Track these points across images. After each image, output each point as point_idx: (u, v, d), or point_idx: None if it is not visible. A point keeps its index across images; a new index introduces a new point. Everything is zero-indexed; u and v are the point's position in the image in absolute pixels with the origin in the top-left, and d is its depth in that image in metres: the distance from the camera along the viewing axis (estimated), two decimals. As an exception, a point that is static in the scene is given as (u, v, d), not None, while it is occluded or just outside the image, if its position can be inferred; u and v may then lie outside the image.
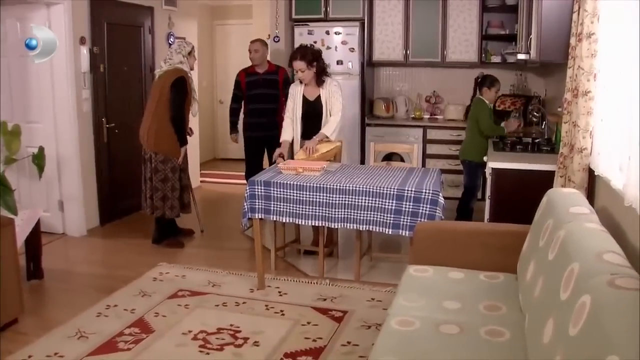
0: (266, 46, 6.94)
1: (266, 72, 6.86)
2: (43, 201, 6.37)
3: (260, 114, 6.88)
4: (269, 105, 6.85)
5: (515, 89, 7.62)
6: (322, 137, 5.42)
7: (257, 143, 6.94)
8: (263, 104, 6.85)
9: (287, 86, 6.65)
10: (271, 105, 6.85)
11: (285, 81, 6.80)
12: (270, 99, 6.85)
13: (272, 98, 6.85)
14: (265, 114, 6.86)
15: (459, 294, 3.22)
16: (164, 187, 5.83)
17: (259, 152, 7.02)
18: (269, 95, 6.85)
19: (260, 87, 6.84)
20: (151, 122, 5.79)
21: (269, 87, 6.84)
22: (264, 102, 6.85)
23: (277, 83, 6.83)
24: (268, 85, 6.84)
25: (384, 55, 7.71)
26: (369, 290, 4.86)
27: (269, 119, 6.84)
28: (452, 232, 3.88)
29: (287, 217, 4.74)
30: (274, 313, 4.44)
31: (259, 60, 6.83)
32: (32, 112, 6.33)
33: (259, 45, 6.83)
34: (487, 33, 7.47)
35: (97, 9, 6.45)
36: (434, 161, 7.36)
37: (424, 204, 4.41)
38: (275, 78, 6.85)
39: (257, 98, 6.86)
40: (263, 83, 6.85)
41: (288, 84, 6.69)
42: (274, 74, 6.86)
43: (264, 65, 6.87)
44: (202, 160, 9.88)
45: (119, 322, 4.28)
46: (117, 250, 6.08)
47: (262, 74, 6.85)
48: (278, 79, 6.84)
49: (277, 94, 6.83)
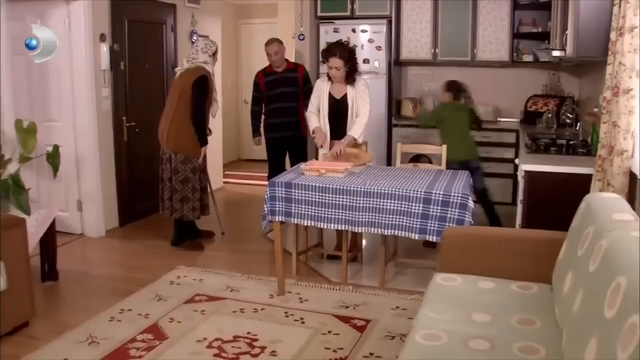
0: (282, 44, 6.69)
1: (285, 70, 6.67)
2: (62, 201, 6.28)
3: (281, 114, 6.70)
4: (290, 104, 6.66)
5: (547, 89, 7.37)
6: (350, 139, 5.23)
7: (279, 144, 6.77)
8: (284, 103, 6.66)
9: (306, 83, 6.52)
10: (292, 104, 6.66)
11: (304, 78, 6.64)
12: (290, 97, 6.66)
13: (293, 96, 6.66)
14: (286, 113, 6.68)
15: (489, 306, 3.00)
16: (184, 188, 5.68)
17: (281, 153, 6.85)
18: (290, 94, 6.66)
19: (280, 86, 6.65)
20: (171, 121, 5.64)
21: (289, 85, 6.65)
22: (285, 101, 6.66)
23: (296, 81, 6.65)
24: (288, 83, 6.66)
25: (411, 54, 7.50)
26: (394, 297, 4.64)
27: (290, 119, 6.66)
28: (482, 238, 3.64)
29: (308, 221, 4.55)
30: (293, 321, 4.25)
31: (280, 62, 6.64)
32: (52, 110, 6.24)
33: (277, 46, 6.57)
34: (519, 31, 7.22)
35: (118, 6, 6.33)
36: (463, 163, 7.13)
37: (452, 208, 4.19)
38: (295, 76, 6.66)
39: (277, 98, 6.67)
40: (282, 82, 6.65)
41: (307, 81, 6.55)
42: (293, 72, 6.68)
43: (282, 64, 6.68)
44: (226, 161, 9.76)
45: (132, 328, 4.12)
46: (135, 252, 5.94)
47: (281, 72, 6.66)
48: (297, 77, 6.66)
49: (297, 92, 6.65)
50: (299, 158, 6.44)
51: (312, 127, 5.43)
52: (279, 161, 6.82)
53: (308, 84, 6.56)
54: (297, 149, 6.71)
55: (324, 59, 5.37)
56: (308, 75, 6.74)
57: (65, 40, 5.99)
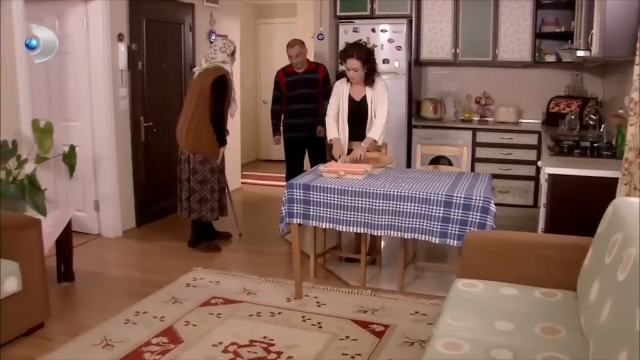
0: (304, 45, 6.60)
1: (306, 70, 6.59)
2: (79, 201, 6.27)
3: (300, 115, 6.64)
4: (310, 106, 6.60)
5: (570, 90, 7.24)
6: (370, 142, 5.15)
7: (297, 144, 6.72)
8: (304, 105, 6.60)
9: (326, 84, 6.44)
10: (312, 105, 6.60)
11: (324, 79, 6.57)
12: (310, 98, 6.59)
13: (313, 98, 6.59)
14: (305, 114, 6.63)
15: (512, 313, 2.91)
16: (203, 188, 5.63)
17: (299, 154, 6.79)
18: (310, 95, 6.59)
19: (301, 87, 6.58)
20: (190, 121, 5.60)
21: (309, 86, 6.58)
22: (305, 102, 6.60)
23: (317, 82, 6.57)
24: (308, 84, 6.58)
25: (432, 54, 7.39)
26: (413, 302, 4.55)
27: (309, 119, 6.61)
28: (504, 242, 3.54)
29: (327, 223, 4.47)
30: (310, 325, 4.17)
31: (302, 64, 6.55)
32: (69, 110, 6.22)
33: (299, 49, 6.46)
34: (541, 31, 7.09)
35: (136, 5, 6.30)
36: (484, 165, 7.02)
37: (473, 212, 4.10)
38: (316, 77, 6.58)
39: (297, 99, 6.60)
40: (303, 82, 6.58)
41: (327, 81, 6.47)
42: (314, 72, 6.59)
43: (304, 66, 6.59)
44: (244, 161, 9.72)
45: (147, 331, 4.07)
46: (151, 253, 5.89)
47: (302, 73, 6.58)
48: (318, 77, 6.58)
49: (316, 94, 6.57)
50: (319, 158, 6.38)
51: (330, 136, 5.34)
52: (296, 161, 6.77)
53: (328, 85, 6.47)
54: (316, 149, 6.64)
55: (341, 61, 5.30)
56: (328, 75, 6.67)
57: (83, 40, 5.99)
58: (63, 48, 6.06)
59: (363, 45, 5.29)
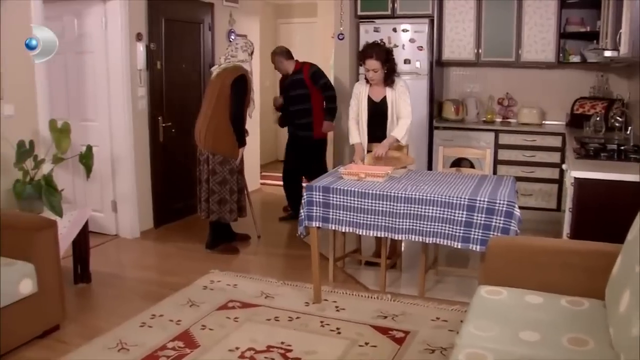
0: (279, 54, 6.78)
1: (293, 72, 6.72)
2: (97, 201, 6.24)
3: (293, 116, 6.80)
4: (300, 107, 6.70)
5: (595, 91, 7.09)
6: (392, 140, 5.06)
7: (295, 144, 6.88)
8: (295, 106, 6.75)
9: (318, 80, 6.49)
10: (302, 105, 6.68)
11: (312, 76, 6.60)
12: (300, 99, 6.68)
13: (302, 98, 6.67)
14: (297, 115, 6.76)
15: (537, 323, 2.80)
16: (222, 189, 5.57)
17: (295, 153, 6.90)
18: (299, 96, 6.68)
19: (291, 89, 6.73)
20: (209, 122, 5.54)
21: (297, 87, 6.68)
22: (296, 103, 6.72)
23: (303, 82, 6.63)
24: (296, 86, 6.69)
25: (454, 54, 7.28)
26: (434, 308, 4.45)
27: (304, 120, 6.71)
28: (529, 248, 3.44)
29: (346, 227, 4.39)
30: (329, 331, 4.08)
31: (284, 70, 6.80)
32: (88, 110, 6.19)
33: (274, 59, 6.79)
34: (566, 31, 6.95)
35: (155, 5, 6.25)
36: (506, 167, 6.90)
37: (497, 216, 3.99)
38: (301, 77, 6.65)
39: (290, 100, 6.77)
40: (291, 84, 6.73)
41: (319, 77, 6.56)
42: (299, 73, 6.67)
43: (288, 69, 6.76)
44: (263, 162, 9.65)
45: (163, 334, 4.01)
46: (168, 254, 5.85)
47: (291, 75, 6.74)
48: (303, 77, 6.63)
49: (306, 93, 6.64)
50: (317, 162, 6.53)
51: (352, 141, 5.30)
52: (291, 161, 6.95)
53: (320, 80, 6.57)
54: (312, 153, 6.71)
55: (360, 61, 5.22)
56: (319, 72, 6.67)
57: (101, 40, 5.95)
58: (81, 48, 6.07)
59: (382, 45, 5.20)
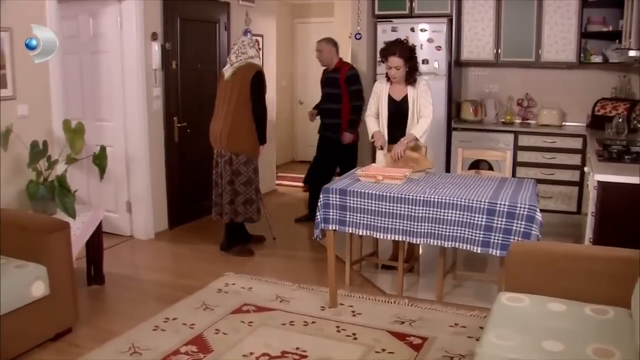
0: (331, 43, 6.61)
1: (332, 70, 6.59)
2: (111, 201, 6.20)
3: (324, 114, 6.69)
4: (331, 106, 6.58)
5: (617, 92, 6.95)
6: (411, 138, 4.95)
7: (324, 144, 6.74)
8: (327, 104, 6.64)
9: (350, 85, 6.35)
10: (333, 105, 6.55)
11: (347, 80, 6.44)
12: (332, 99, 6.56)
13: (334, 98, 6.54)
14: (328, 114, 6.63)
15: (561, 332, 2.72)
16: (247, 190, 5.51)
17: (324, 154, 6.75)
18: (332, 95, 6.57)
19: (326, 86, 6.63)
20: (231, 122, 5.45)
21: (331, 86, 6.57)
22: (328, 102, 6.62)
23: (338, 82, 6.49)
24: (331, 84, 6.58)
25: (472, 54, 7.16)
26: (452, 313, 4.36)
27: (332, 120, 6.59)
28: (551, 254, 3.35)
29: (363, 230, 4.30)
30: (345, 336, 4.00)
31: (326, 61, 6.61)
32: (102, 110, 6.15)
33: (319, 45, 6.61)
34: (587, 30, 6.81)
35: (170, 4, 6.19)
36: (525, 169, 6.79)
37: (518, 220, 3.89)
38: (337, 76, 6.51)
39: (324, 97, 6.68)
40: (327, 82, 6.64)
41: (352, 82, 6.39)
42: (336, 72, 6.54)
43: (329, 64, 6.61)
44: (279, 162, 9.59)
45: (176, 338, 3.95)
46: (183, 256, 5.79)
47: (329, 72, 6.62)
48: (339, 77, 6.48)
49: (339, 94, 6.49)
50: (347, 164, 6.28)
51: (371, 131, 5.16)
52: (324, 160, 6.77)
53: (352, 86, 6.40)
54: (341, 154, 6.55)
55: (382, 58, 5.11)
56: (355, 76, 6.50)
57: (116, 39, 5.91)
58: (97, 47, 6.03)
59: (405, 42, 5.10)
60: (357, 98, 6.43)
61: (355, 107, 6.40)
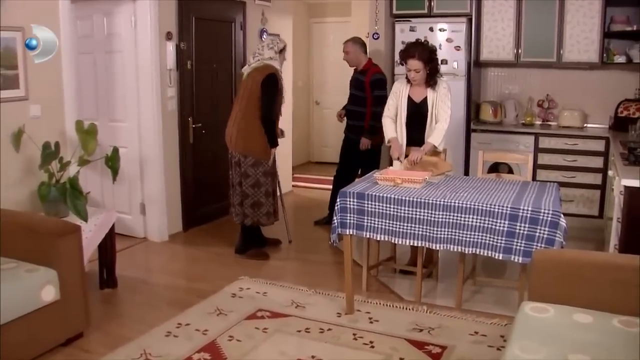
0: (359, 44, 6.40)
1: (359, 71, 6.41)
2: (125, 203, 6.13)
3: (350, 116, 6.53)
4: (356, 108, 6.41)
5: (641, 93, 6.80)
6: (429, 147, 4.83)
7: (348, 145, 6.54)
8: (352, 106, 6.49)
9: (374, 89, 6.15)
10: (358, 107, 6.38)
11: (372, 83, 6.22)
12: (357, 101, 6.39)
13: (359, 100, 6.36)
14: (352, 116, 6.48)
15: (588, 345, 2.60)
16: (256, 192, 5.41)
17: (349, 154, 6.55)
18: (357, 97, 6.40)
19: (352, 87, 6.47)
20: (240, 123, 5.39)
21: (357, 88, 6.39)
22: (353, 103, 6.47)
23: (363, 84, 6.31)
24: (356, 86, 6.41)
25: (492, 54, 7.02)
26: (472, 321, 4.23)
27: (356, 122, 6.42)
28: (577, 262, 3.22)
29: (382, 235, 4.19)
30: (362, 344, 3.89)
31: (353, 62, 6.42)
32: (116, 110, 6.08)
33: (346, 46, 6.40)
34: (610, 30, 6.65)
35: (185, 3, 6.11)
36: (546, 172, 6.65)
37: (541, 226, 3.77)
38: (362, 79, 6.33)
39: (350, 98, 6.51)
40: (354, 82, 6.47)
41: (377, 86, 6.19)
42: (363, 74, 6.35)
43: (357, 65, 6.43)
44: (296, 163, 9.50)
45: (188, 345, 3.85)
46: (197, 259, 5.70)
47: (357, 73, 6.44)
48: (364, 80, 6.30)
49: (363, 97, 6.30)
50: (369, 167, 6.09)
51: (388, 136, 5.04)
52: (344, 162, 6.62)
53: (376, 90, 6.17)
54: (363, 157, 6.35)
55: (402, 61, 4.99)
56: (381, 81, 6.27)
57: (130, 39, 5.84)
58: (111, 47, 5.96)
59: (425, 44, 4.97)
60: (379, 104, 5.94)
61: (374, 113, 6.04)
